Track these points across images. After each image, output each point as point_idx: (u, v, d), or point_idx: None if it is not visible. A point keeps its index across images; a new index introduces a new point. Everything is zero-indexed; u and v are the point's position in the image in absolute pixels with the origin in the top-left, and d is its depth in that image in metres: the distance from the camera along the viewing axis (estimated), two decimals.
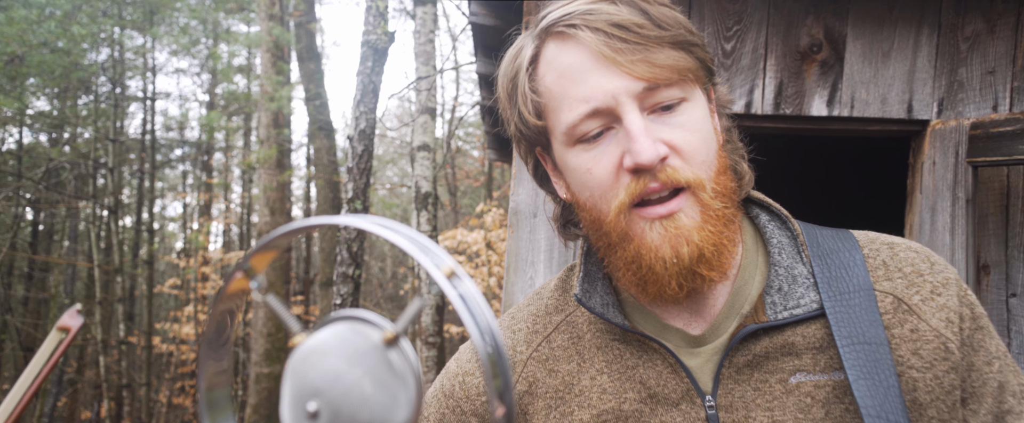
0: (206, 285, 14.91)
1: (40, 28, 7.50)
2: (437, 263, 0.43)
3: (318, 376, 0.45)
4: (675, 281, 0.82)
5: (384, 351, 0.44)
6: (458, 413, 0.98)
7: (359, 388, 0.44)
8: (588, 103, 0.81)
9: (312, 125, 10.06)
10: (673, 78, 0.81)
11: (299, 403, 0.46)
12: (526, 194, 2.41)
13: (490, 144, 5.72)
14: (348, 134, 4.34)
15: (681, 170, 0.81)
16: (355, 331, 0.46)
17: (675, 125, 0.82)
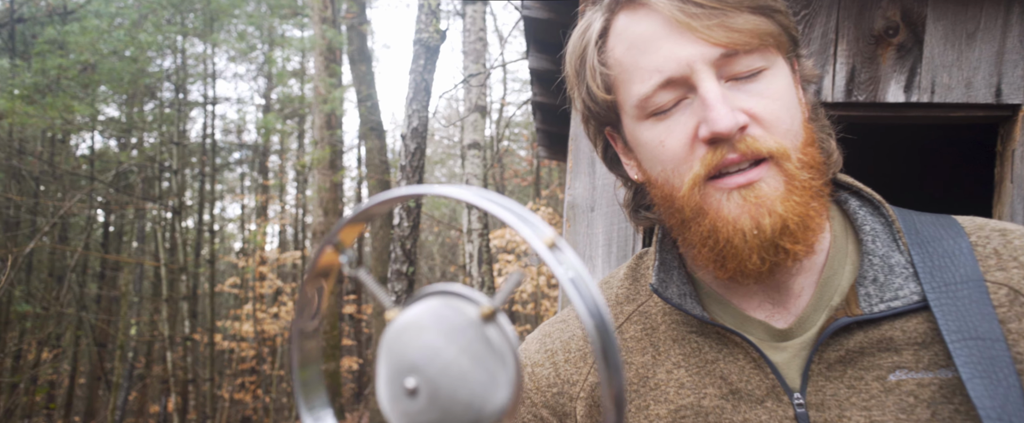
0: (263, 284, 15.36)
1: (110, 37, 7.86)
2: (538, 234, 0.41)
3: (415, 352, 0.44)
4: (756, 255, 0.77)
5: (481, 327, 0.43)
6: (528, 405, 0.96)
7: (457, 365, 0.43)
8: (661, 73, 0.78)
9: (363, 126, 10.24)
10: (753, 44, 0.76)
11: (397, 379, 0.45)
12: (583, 188, 2.39)
13: (540, 141, 5.70)
14: (401, 132, 4.39)
15: (762, 139, 0.76)
16: (449, 306, 0.45)
17: (755, 93, 0.77)
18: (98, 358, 12.71)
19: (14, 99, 7.40)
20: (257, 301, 14.98)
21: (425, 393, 0.43)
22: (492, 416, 0.42)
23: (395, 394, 0.45)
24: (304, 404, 0.51)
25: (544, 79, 4.21)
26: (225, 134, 16.32)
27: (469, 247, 5.88)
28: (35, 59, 7.73)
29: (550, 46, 3.61)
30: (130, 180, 12.59)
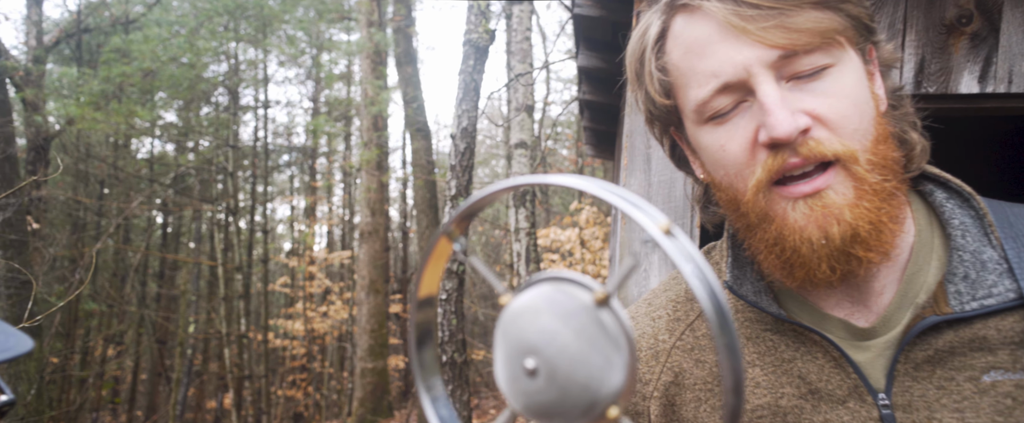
0: (313, 284, 15.71)
1: (171, 44, 8.18)
2: (654, 220, 0.43)
3: (533, 334, 0.46)
4: (825, 264, 0.75)
5: (595, 312, 0.44)
6: None
7: (574, 347, 0.44)
8: (718, 77, 0.76)
9: (410, 127, 10.38)
10: (814, 43, 0.73)
11: (516, 360, 0.46)
12: (638, 185, 2.38)
13: (587, 139, 5.68)
14: (451, 132, 4.44)
15: (827, 142, 0.73)
16: (561, 292, 0.46)
17: (819, 92, 0.74)
18: (158, 355, 13.21)
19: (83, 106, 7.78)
20: (307, 300, 15.32)
21: (544, 373, 0.45)
22: (608, 397, 0.43)
23: (514, 374, 0.47)
24: (422, 383, 0.54)
25: (593, 77, 4.20)
26: (274, 137, 16.76)
27: (516, 246, 5.90)
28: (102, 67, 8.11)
29: (599, 44, 3.61)
30: (188, 182, 13.05)
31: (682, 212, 2.30)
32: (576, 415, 0.45)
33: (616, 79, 4.03)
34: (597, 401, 0.43)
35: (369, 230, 11.96)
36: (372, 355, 11.51)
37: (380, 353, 11.67)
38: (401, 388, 16.15)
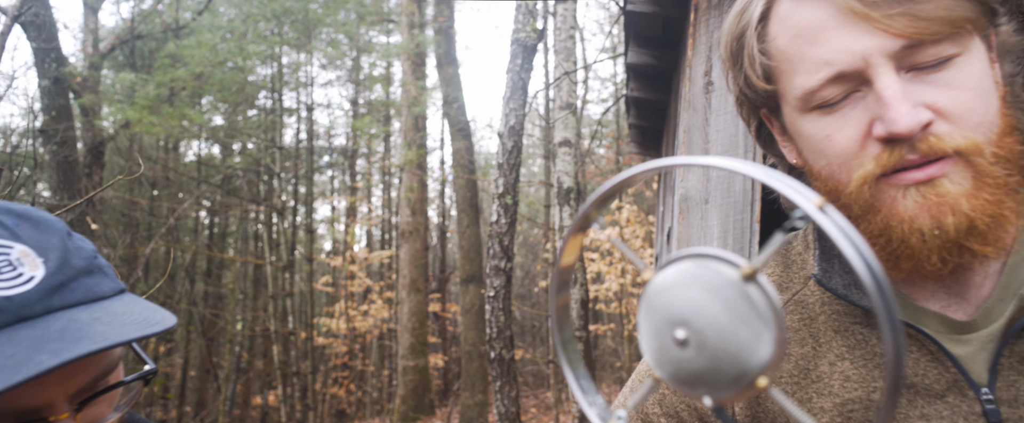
0: (354, 283, 15.96)
1: (221, 49, 8.43)
2: (807, 197, 0.44)
3: (682, 306, 0.47)
4: (936, 256, 0.71)
5: (743, 286, 0.45)
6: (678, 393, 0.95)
7: (723, 320, 0.45)
8: (831, 66, 0.71)
9: (452, 127, 10.47)
10: (943, 32, 0.68)
11: (665, 331, 0.48)
12: (697, 180, 2.37)
13: (632, 137, 5.66)
14: (498, 130, 4.47)
15: (949, 137, 0.69)
16: (705, 267, 0.48)
17: (943, 84, 0.70)
18: (207, 352, 13.60)
19: (141, 109, 8.08)
20: (348, 299, 15.57)
21: (694, 344, 0.47)
22: (757, 369, 0.44)
23: (663, 344, 0.49)
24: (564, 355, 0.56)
25: (641, 74, 4.19)
26: (316, 139, 17.08)
27: (560, 244, 5.91)
28: (157, 72, 8.41)
29: (650, 40, 3.60)
30: (235, 184, 13.41)
31: (742, 208, 2.29)
32: (726, 384, 0.46)
33: (666, 75, 4.02)
34: (746, 372, 0.45)
35: (410, 229, 12.09)
36: (413, 353, 11.64)
37: (421, 351, 11.80)
38: (441, 386, 16.30)
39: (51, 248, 0.67)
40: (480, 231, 10.75)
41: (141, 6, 11.69)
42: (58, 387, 0.65)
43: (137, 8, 11.61)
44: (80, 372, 0.67)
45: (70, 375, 0.66)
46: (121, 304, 0.70)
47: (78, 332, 0.62)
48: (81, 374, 0.67)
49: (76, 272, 0.67)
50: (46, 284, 0.64)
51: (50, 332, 0.61)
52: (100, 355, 0.68)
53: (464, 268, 10.52)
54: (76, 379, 0.66)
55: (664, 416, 0.96)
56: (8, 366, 0.57)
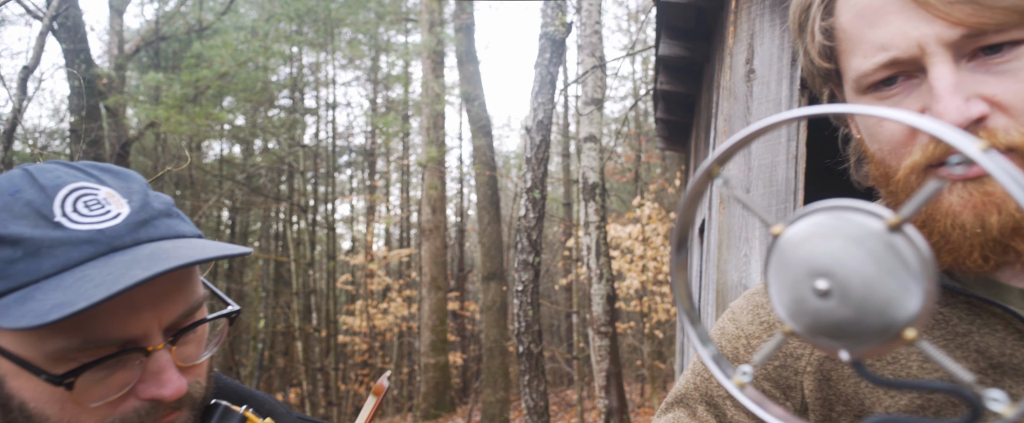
0: (373, 281, 16.05)
1: (247, 48, 8.53)
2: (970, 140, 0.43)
3: (823, 258, 0.47)
4: (977, 253, 0.69)
5: (888, 237, 0.44)
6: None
7: (868, 271, 0.44)
8: (886, 51, 0.69)
9: (473, 125, 10.50)
10: (1008, 22, 0.64)
11: (804, 282, 0.48)
12: (738, 169, 2.36)
13: (660, 131, 5.63)
14: (526, 125, 4.47)
15: (1004, 133, 0.65)
16: (844, 219, 0.47)
17: (1005, 73, 0.66)
18: (229, 349, 13.76)
19: (169, 109, 8.20)
20: (368, 297, 15.66)
21: (837, 294, 0.46)
22: (904, 321, 0.43)
23: (801, 296, 0.48)
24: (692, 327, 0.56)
25: (671, 67, 4.17)
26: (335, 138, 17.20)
27: (586, 239, 5.89)
28: (183, 71, 8.53)
29: (683, 32, 3.58)
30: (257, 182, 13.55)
31: (784, 197, 2.27)
32: (871, 336, 0.46)
33: (697, 67, 3.99)
34: (892, 324, 0.44)
35: (430, 227, 12.14)
36: (434, 350, 11.68)
37: (442, 348, 11.84)
38: (460, 384, 16.34)
39: (134, 192, 0.72)
40: (501, 228, 10.76)
41: (165, 8, 11.85)
42: (153, 317, 0.68)
43: (161, 10, 11.77)
44: (171, 303, 0.70)
45: (162, 306, 0.69)
46: (200, 240, 0.74)
47: (165, 254, 0.66)
48: (172, 306, 0.70)
49: (157, 212, 0.72)
50: (132, 219, 0.69)
51: (140, 256, 0.66)
52: (189, 289, 0.72)
53: (485, 265, 10.54)
54: (168, 310, 0.70)
55: (730, 398, 0.95)
56: (106, 282, 0.62)
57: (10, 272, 0.64)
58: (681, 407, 0.99)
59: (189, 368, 0.74)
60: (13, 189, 0.68)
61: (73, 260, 0.65)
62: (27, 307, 0.62)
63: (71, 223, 0.66)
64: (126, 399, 0.69)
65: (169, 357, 0.70)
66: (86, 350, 0.66)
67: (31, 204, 0.66)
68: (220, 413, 0.78)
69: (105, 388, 0.68)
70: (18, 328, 0.60)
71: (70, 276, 0.64)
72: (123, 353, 0.67)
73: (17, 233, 0.65)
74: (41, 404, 0.67)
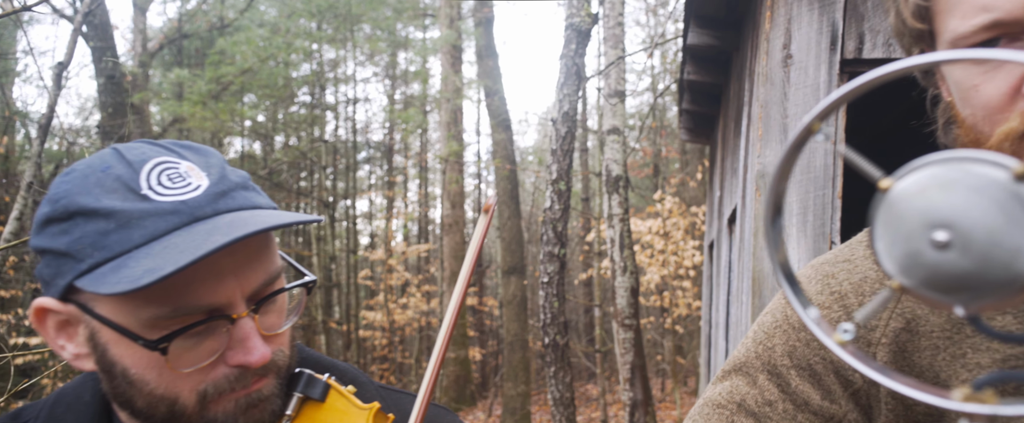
0: (392, 276, 16.14)
1: (269, 44, 8.60)
2: None
3: (942, 209, 0.45)
4: None
5: (1015, 186, 0.43)
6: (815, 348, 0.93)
7: (991, 222, 0.43)
8: (988, 12, 0.66)
9: (492, 119, 10.50)
10: None
11: (919, 235, 0.47)
12: (774, 155, 2.33)
13: (684, 123, 5.59)
14: (551, 117, 4.46)
15: None
16: (962, 170, 0.46)
17: None
18: None
19: (194, 105, 8.29)
20: (388, 292, 15.76)
21: (958, 246, 0.45)
22: None
23: (916, 250, 0.47)
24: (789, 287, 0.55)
25: (699, 56, 4.14)
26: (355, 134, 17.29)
27: (609, 232, 5.87)
28: (208, 68, 8.62)
29: (712, 20, 3.55)
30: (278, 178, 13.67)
31: (822, 183, 2.24)
32: (993, 288, 0.45)
33: (725, 56, 3.96)
34: (1019, 276, 0.43)
35: (450, 222, 12.18)
36: (454, 344, 11.73)
37: (462, 343, 11.88)
38: (479, 379, 16.39)
39: (212, 166, 0.76)
40: (521, 223, 10.76)
41: (187, 6, 11.98)
42: (236, 285, 0.72)
43: (183, 8, 11.90)
44: (252, 272, 0.73)
45: (244, 274, 0.73)
46: (276, 211, 0.78)
47: (243, 222, 0.70)
48: (253, 274, 0.74)
49: (234, 185, 0.75)
50: (211, 191, 0.72)
51: (220, 224, 0.70)
52: (267, 259, 0.76)
53: (505, 260, 10.55)
54: (250, 279, 0.73)
55: (795, 368, 0.93)
56: (190, 248, 0.66)
57: (105, 243, 0.68)
58: (740, 375, 0.97)
59: (272, 337, 0.77)
60: (104, 165, 0.72)
61: (160, 230, 0.69)
62: (121, 274, 0.66)
63: (157, 195, 0.70)
64: (216, 366, 0.73)
65: (253, 325, 0.73)
66: (177, 317, 0.69)
67: (120, 179, 0.70)
68: (305, 381, 0.81)
69: (196, 354, 0.72)
70: (115, 293, 0.64)
71: (158, 245, 0.67)
72: (210, 320, 0.71)
73: (109, 206, 0.69)
74: (141, 370, 0.72)
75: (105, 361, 0.73)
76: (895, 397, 0.88)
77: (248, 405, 0.75)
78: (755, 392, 0.94)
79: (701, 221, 10.82)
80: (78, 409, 0.82)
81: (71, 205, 0.70)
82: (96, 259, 0.68)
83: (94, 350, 0.74)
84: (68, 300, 0.73)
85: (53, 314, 0.75)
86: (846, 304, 0.91)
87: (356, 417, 0.81)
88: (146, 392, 0.73)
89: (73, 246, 0.69)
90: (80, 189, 0.70)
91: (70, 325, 0.76)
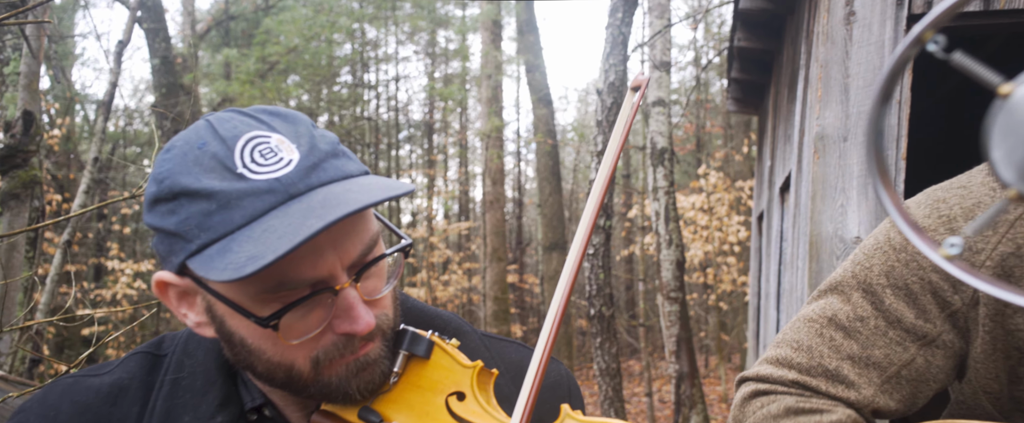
0: (433, 254, 16.32)
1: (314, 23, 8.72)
2: None
3: None
4: None
5: None
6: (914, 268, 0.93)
7: None
8: None
9: (533, 95, 10.45)
10: None
11: None
12: (834, 117, 2.28)
13: (733, 93, 5.48)
14: (597, 87, 4.43)
15: None
16: None
17: None
18: None
19: (243, 84, 8.49)
20: (429, 270, 15.94)
21: None
22: None
23: None
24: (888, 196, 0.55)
25: (749, 22, 4.04)
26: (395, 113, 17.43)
27: (654, 205, 5.82)
28: (254, 48, 8.80)
29: None
30: None
31: (887, 144, 2.18)
32: None
33: (779, 21, 3.86)
34: None
35: (492, 199, 12.22)
36: (497, 320, 11.85)
37: (504, 318, 11.99)
38: None
39: (301, 135, 0.75)
40: (562, 199, 10.74)
41: None
42: (335, 258, 0.73)
43: None
44: (350, 244, 0.75)
45: (343, 246, 0.74)
46: (367, 179, 0.77)
47: (336, 200, 0.70)
48: (351, 246, 0.75)
49: (324, 154, 0.75)
50: (303, 165, 0.73)
51: (314, 203, 0.70)
52: (363, 228, 0.77)
53: (547, 235, 10.57)
54: (348, 250, 0.74)
55: (890, 287, 0.95)
56: (288, 233, 0.67)
57: (209, 224, 0.70)
58: (834, 294, 1.00)
59: (375, 301, 0.79)
60: (199, 142, 0.73)
61: (258, 211, 0.70)
62: (227, 259, 0.68)
63: (251, 174, 0.71)
64: (324, 334, 0.76)
65: (355, 294, 0.75)
66: (282, 292, 0.72)
67: (216, 157, 0.71)
68: (409, 338, 0.82)
69: (305, 326, 0.74)
70: (221, 281, 0.67)
71: (258, 227, 0.69)
72: (314, 294, 0.73)
73: (210, 187, 0.70)
74: (256, 341, 0.76)
75: (224, 331, 0.77)
76: (995, 321, 0.88)
77: (358, 368, 0.78)
78: (848, 308, 0.97)
79: (747, 195, 10.63)
80: (206, 344, 0.88)
81: (175, 186, 0.71)
82: (203, 240, 0.70)
83: (213, 320, 0.78)
84: (184, 274, 0.76)
85: (173, 287, 0.78)
86: (953, 228, 0.92)
87: (460, 375, 0.82)
88: (264, 359, 0.76)
89: (181, 227, 0.71)
90: (181, 168, 0.72)
91: (189, 296, 0.79)
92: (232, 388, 0.85)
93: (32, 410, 0.85)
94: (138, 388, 0.86)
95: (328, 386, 0.78)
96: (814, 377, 0.96)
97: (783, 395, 0.98)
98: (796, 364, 0.98)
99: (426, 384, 0.82)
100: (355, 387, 0.78)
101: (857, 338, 0.95)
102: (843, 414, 0.94)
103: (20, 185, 3.29)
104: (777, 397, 0.98)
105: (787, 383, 0.98)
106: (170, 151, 0.75)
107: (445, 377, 0.82)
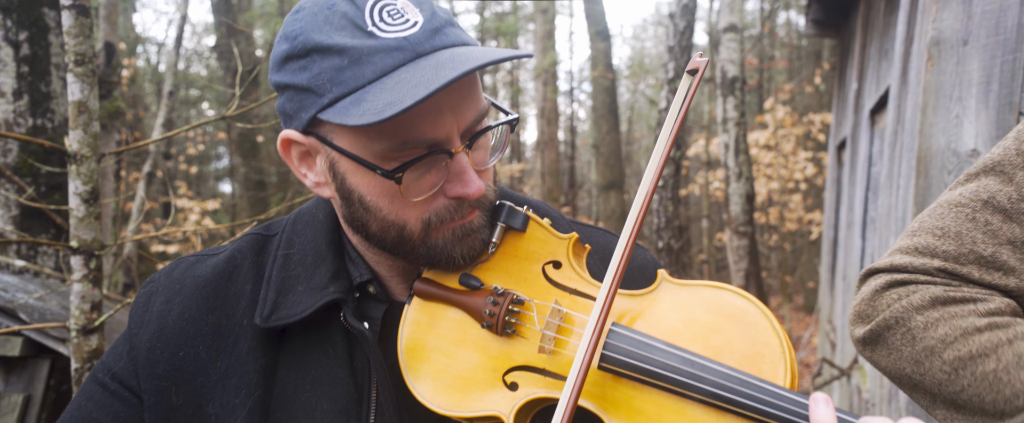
0: None
1: None
2: None
3: None
4: None
5: None
6: None
7: None
8: None
9: (590, 28, 10.13)
10: None
11: None
12: (953, 19, 2.07)
13: (813, 14, 5.16)
14: (670, 11, 4.21)
15: None
16: None
17: None
18: None
19: None
20: None
21: None
22: None
23: None
24: None
25: None
26: None
27: (724, 137, 5.60)
28: None
29: None
30: None
31: (1015, 46, 1.98)
32: None
33: None
34: None
35: (546, 139, 12.09)
36: None
37: None
38: None
39: (423, 1, 0.79)
40: (619, 137, 10.52)
41: None
42: (453, 121, 0.77)
43: None
44: (466, 108, 0.78)
45: (460, 110, 0.77)
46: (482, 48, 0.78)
47: (462, 58, 0.72)
48: (466, 110, 0.78)
49: (444, 21, 0.79)
50: (427, 27, 0.76)
51: (442, 60, 0.73)
52: (477, 97, 0.80)
53: (603, 175, 10.43)
54: (464, 115, 0.78)
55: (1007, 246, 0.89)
56: (422, 83, 0.69)
57: (341, 78, 0.73)
58: (991, 175, 0.93)
59: (481, 172, 0.83)
60: (329, 3, 0.76)
61: (388, 66, 0.73)
62: (363, 107, 0.71)
63: (381, 32, 0.74)
64: (437, 197, 0.80)
65: (467, 159, 0.79)
66: (404, 151, 0.76)
67: (346, 16, 0.75)
68: (507, 212, 0.87)
69: (420, 185, 0.79)
70: (360, 125, 0.69)
71: (390, 80, 0.72)
72: (432, 154, 0.77)
73: (342, 43, 0.73)
74: (375, 197, 0.79)
75: (343, 189, 0.81)
76: None
77: (463, 234, 0.82)
78: (1010, 189, 0.90)
79: (817, 130, 10.17)
80: (314, 225, 0.93)
81: (308, 42, 0.74)
82: (335, 93, 0.73)
83: (333, 179, 0.81)
84: (309, 133, 0.79)
85: (296, 145, 0.82)
86: None
87: (556, 245, 0.86)
88: (380, 218, 0.80)
89: (313, 81, 0.74)
90: (312, 26, 0.75)
91: (310, 156, 0.83)
92: (341, 263, 0.89)
93: (160, 282, 0.93)
94: (250, 267, 0.91)
95: (434, 248, 0.82)
96: (964, 264, 0.90)
97: (926, 285, 0.91)
98: (941, 251, 0.92)
99: (522, 254, 0.86)
100: (459, 252, 0.82)
101: (1020, 221, 0.87)
102: (1002, 302, 0.87)
103: (106, 115, 3.37)
104: (919, 287, 0.92)
105: (931, 272, 0.92)
106: (300, 12, 0.78)
107: (541, 248, 0.86)
